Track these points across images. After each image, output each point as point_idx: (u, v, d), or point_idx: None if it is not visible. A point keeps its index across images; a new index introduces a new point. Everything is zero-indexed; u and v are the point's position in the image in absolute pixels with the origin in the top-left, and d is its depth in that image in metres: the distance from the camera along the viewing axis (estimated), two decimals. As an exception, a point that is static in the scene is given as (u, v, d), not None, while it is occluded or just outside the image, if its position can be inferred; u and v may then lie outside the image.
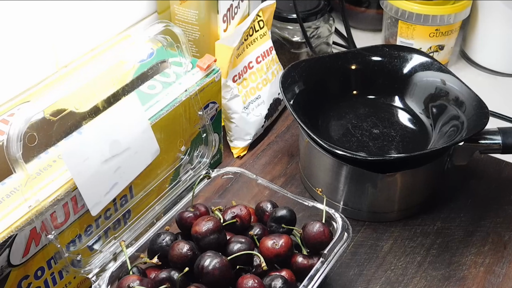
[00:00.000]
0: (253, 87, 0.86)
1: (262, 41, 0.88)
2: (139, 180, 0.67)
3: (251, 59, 0.86)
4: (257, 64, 0.87)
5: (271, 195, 0.71)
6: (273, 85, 0.89)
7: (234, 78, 0.84)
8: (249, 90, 0.86)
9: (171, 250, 0.62)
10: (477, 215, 0.78)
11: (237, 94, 0.84)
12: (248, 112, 0.85)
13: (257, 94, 0.87)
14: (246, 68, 0.86)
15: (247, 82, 0.86)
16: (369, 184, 0.75)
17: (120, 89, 0.69)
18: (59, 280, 0.62)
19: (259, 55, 0.88)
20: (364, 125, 0.81)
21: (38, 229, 0.57)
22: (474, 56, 1.06)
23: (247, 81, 0.86)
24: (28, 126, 0.53)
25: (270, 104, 0.89)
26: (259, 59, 0.88)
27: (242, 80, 0.85)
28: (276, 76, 0.90)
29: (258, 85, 0.87)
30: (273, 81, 0.89)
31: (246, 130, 0.86)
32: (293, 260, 0.64)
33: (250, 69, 0.86)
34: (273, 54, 0.91)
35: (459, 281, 0.70)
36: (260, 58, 0.88)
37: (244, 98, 0.85)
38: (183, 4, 0.82)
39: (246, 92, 0.85)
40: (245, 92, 0.85)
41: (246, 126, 0.86)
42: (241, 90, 0.84)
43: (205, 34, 0.83)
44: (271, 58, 0.90)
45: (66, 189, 0.58)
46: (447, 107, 0.79)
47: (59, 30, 0.76)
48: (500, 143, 0.75)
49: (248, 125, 0.86)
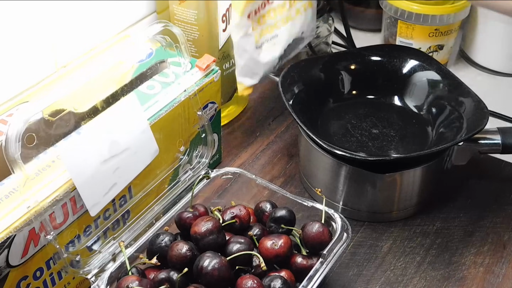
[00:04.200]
0: (270, 25, 0.80)
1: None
2: (138, 180, 0.67)
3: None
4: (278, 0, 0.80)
5: (271, 195, 0.71)
6: (296, 24, 0.82)
7: (249, 15, 0.77)
8: (266, 28, 0.80)
9: (170, 250, 0.62)
10: (476, 215, 0.78)
11: (249, 33, 0.78)
12: (259, 52, 0.80)
13: (274, 33, 0.81)
14: (265, 3, 0.79)
15: (264, 18, 0.79)
16: (368, 184, 0.75)
17: (119, 89, 0.69)
18: (58, 280, 0.62)
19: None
20: (363, 125, 0.81)
21: (37, 230, 0.57)
22: (474, 56, 1.06)
23: (265, 17, 0.79)
24: (26, 126, 0.53)
25: (288, 44, 0.82)
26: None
27: (258, 16, 0.78)
28: (300, 14, 0.82)
29: (277, 23, 0.80)
30: (296, 19, 0.82)
31: (255, 70, 0.81)
32: (293, 261, 0.64)
33: (269, 4, 0.79)
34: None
35: (458, 281, 0.70)
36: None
37: (258, 36, 0.79)
38: (182, 4, 0.82)
39: (261, 29, 0.79)
40: (260, 29, 0.79)
41: (256, 66, 0.80)
42: (255, 27, 0.78)
43: (204, 34, 0.83)
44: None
45: (65, 190, 0.58)
46: (447, 107, 0.79)
47: (58, 30, 0.76)
48: (499, 143, 0.75)
49: (257, 65, 0.80)
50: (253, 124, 0.93)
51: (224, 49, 0.85)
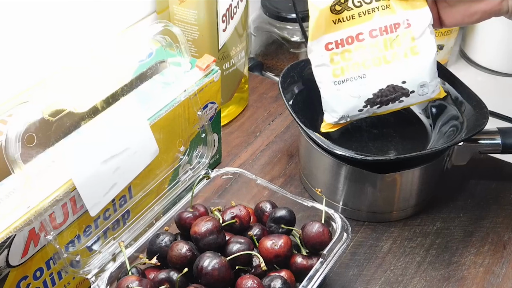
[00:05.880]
0: (357, 63, 0.73)
1: (382, 13, 0.72)
2: (138, 180, 0.67)
3: (361, 30, 0.72)
4: (371, 39, 0.73)
5: (271, 195, 0.71)
6: (395, 69, 0.73)
7: (328, 46, 0.73)
8: (351, 65, 0.73)
9: (170, 250, 0.62)
10: (476, 215, 0.78)
11: (326, 64, 0.73)
12: (339, 88, 0.73)
13: (361, 72, 0.73)
14: (353, 38, 0.73)
15: (350, 55, 0.73)
16: (368, 184, 0.75)
17: (119, 89, 0.69)
18: (58, 280, 0.62)
19: (375, 28, 0.72)
20: (363, 125, 0.81)
21: (37, 230, 0.57)
22: (474, 56, 1.06)
23: (351, 53, 0.73)
24: (26, 126, 0.53)
25: (380, 89, 0.73)
26: (375, 32, 0.72)
27: (342, 50, 0.73)
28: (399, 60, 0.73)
29: (365, 62, 0.73)
30: (394, 64, 0.73)
31: (334, 106, 0.74)
32: (293, 261, 0.64)
33: (358, 41, 0.73)
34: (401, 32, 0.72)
35: (458, 281, 0.70)
36: (376, 32, 0.72)
37: (339, 71, 0.73)
38: (182, 4, 0.82)
39: (345, 65, 0.73)
40: (343, 65, 0.73)
41: (334, 102, 0.74)
42: (337, 61, 0.73)
43: (204, 34, 0.83)
44: (396, 37, 0.72)
45: (65, 190, 0.58)
46: (447, 107, 0.79)
47: (58, 30, 0.76)
48: (499, 143, 0.75)
49: (336, 102, 0.74)
50: (253, 124, 0.93)
51: (224, 49, 0.85)
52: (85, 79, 0.59)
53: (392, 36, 0.72)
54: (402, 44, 0.72)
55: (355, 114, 0.75)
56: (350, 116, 0.75)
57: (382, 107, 0.74)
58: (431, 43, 0.72)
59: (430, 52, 0.72)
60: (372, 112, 0.75)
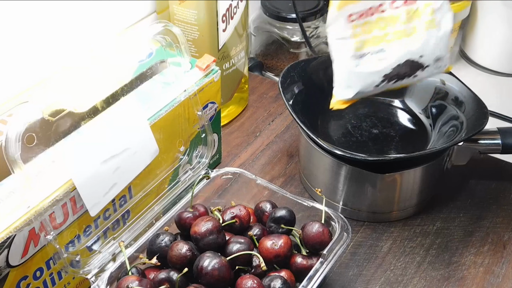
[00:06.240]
0: (378, 36, 0.70)
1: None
2: (138, 180, 0.67)
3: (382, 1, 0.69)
4: (392, 10, 0.69)
5: (271, 195, 0.71)
6: (414, 42, 0.70)
7: (351, 17, 0.69)
8: (371, 38, 0.70)
9: (170, 250, 0.62)
10: (476, 215, 0.78)
11: (347, 37, 0.69)
12: (358, 63, 0.70)
13: (380, 46, 0.70)
14: (374, 9, 0.69)
15: (370, 27, 0.69)
16: (368, 184, 0.75)
17: (119, 89, 0.69)
18: (58, 280, 0.62)
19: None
20: (363, 125, 0.81)
21: (37, 230, 0.57)
22: (474, 56, 1.06)
23: (371, 25, 0.69)
24: (26, 126, 0.53)
25: (398, 64, 0.70)
26: (396, 3, 0.69)
27: (363, 22, 0.69)
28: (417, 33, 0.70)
29: (386, 35, 0.70)
30: (415, 37, 0.70)
31: (350, 82, 0.71)
32: (293, 261, 0.64)
33: (379, 12, 0.70)
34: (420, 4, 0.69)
35: (458, 281, 0.70)
36: (398, 3, 0.69)
37: (360, 45, 0.69)
38: (182, 4, 0.82)
39: (365, 39, 0.69)
40: (363, 38, 0.69)
41: (351, 77, 0.71)
42: (357, 33, 0.69)
43: (204, 34, 0.83)
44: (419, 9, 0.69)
45: (65, 190, 0.58)
46: (447, 107, 0.79)
47: (57, 30, 0.76)
48: (499, 143, 0.75)
49: (353, 77, 0.70)
50: (253, 124, 0.93)
51: (224, 49, 0.85)
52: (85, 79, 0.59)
53: (413, 8, 0.69)
54: (421, 16, 0.69)
55: (371, 90, 0.71)
56: (365, 91, 0.71)
57: (398, 82, 0.72)
58: (449, 16, 0.71)
59: (447, 25, 0.71)
60: (387, 87, 0.72)
